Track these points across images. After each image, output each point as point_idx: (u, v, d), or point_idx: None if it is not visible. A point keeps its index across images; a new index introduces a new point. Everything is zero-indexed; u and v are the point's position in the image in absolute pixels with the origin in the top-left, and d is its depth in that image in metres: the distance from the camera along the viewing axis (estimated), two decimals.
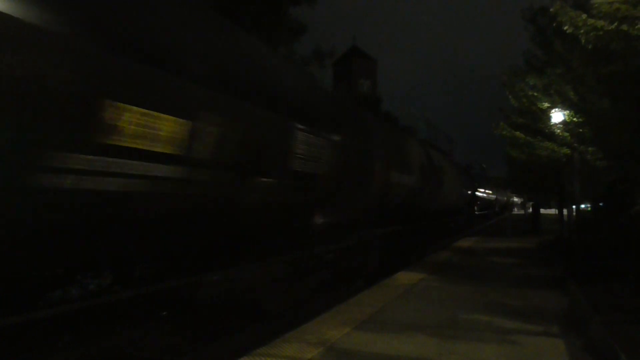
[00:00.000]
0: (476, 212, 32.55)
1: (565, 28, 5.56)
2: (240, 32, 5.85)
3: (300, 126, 5.94)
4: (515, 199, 65.30)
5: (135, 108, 3.47)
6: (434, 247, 15.41)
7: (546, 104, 11.44)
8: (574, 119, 10.14)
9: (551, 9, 5.88)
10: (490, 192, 42.21)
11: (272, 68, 6.11)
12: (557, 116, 11.15)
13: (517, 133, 14.37)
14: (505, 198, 55.95)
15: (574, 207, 15.65)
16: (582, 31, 5.33)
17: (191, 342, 6.05)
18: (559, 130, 11.48)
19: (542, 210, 29.26)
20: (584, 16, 5.32)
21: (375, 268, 10.14)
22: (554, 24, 6.31)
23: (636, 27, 4.86)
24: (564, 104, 10.38)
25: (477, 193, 30.81)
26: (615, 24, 4.95)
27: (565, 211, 18.10)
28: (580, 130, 10.25)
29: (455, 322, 5.58)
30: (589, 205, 22.20)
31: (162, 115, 3.73)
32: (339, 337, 4.85)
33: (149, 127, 3.61)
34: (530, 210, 29.45)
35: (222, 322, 7.04)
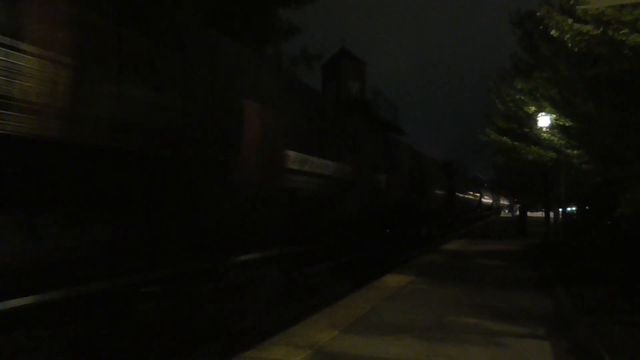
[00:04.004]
0: None
1: (552, 32, 5.61)
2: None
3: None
4: (487, 200, 54.13)
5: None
6: (422, 250, 15.47)
7: (533, 108, 11.56)
8: (560, 123, 10.26)
9: (538, 13, 5.94)
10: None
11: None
12: (543, 120, 11.27)
13: (504, 138, 14.49)
14: (472, 195, 33.77)
15: (560, 210, 15.84)
16: (568, 36, 5.39)
17: (179, 344, 5.99)
18: (545, 134, 11.60)
19: (529, 213, 29.53)
20: (570, 21, 5.38)
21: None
22: (541, 27, 6.37)
23: (621, 32, 4.93)
24: (550, 108, 10.49)
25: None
26: (601, 29, 5.02)
27: (551, 214, 18.31)
28: (566, 133, 10.37)
29: (443, 325, 5.59)
30: (574, 208, 22.46)
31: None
32: (327, 340, 4.84)
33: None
34: (517, 213, 29.70)
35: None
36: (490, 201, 53.74)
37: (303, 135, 6.58)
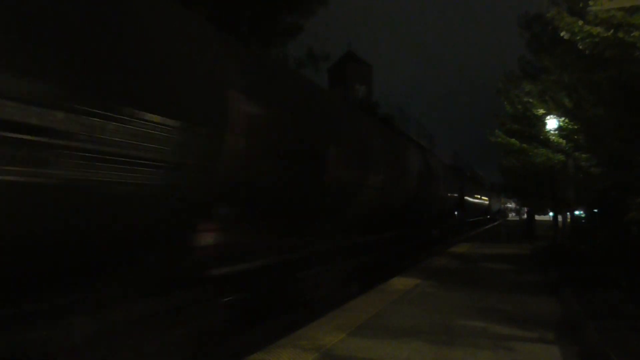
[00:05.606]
0: None
1: (562, 34, 5.59)
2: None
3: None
4: (478, 199, 39.03)
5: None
6: (429, 253, 15.41)
7: (541, 111, 11.51)
8: (569, 126, 10.20)
9: (548, 14, 5.92)
10: None
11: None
12: (552, 123, 11.22)
13: (512, 140, 14.43)
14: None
15: (568, 213, 15.74)
16: (578, 37, 5.36)
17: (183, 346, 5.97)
18: (553, 137, 11.54)
19: (537, 217, 29.35)
20: (581, 22, 5.35)
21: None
22: (550, 28, 6.33)
23: (631, 34, 4.90)
24: (558, 111, 10.44)
25: None
26: (612, 31, 4.99)
27: (559, 217, 18.19)
28: (575, 136, 10.31)
29: (451, 328, 5.56)
30: (583, 212, 22.32)
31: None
32: (335, 343, 4.82)
33: None
34: (525, 216, 29.57)
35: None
36: (485, 202, 39.51)
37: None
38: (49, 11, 3.13)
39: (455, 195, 22.47)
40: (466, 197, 26.01)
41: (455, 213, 23.73)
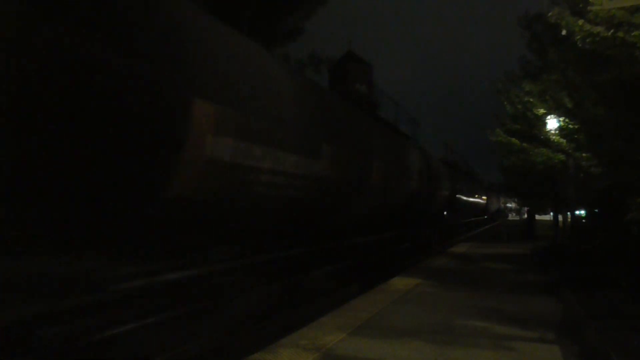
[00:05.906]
0: None
1: (563, 32, 5.59)
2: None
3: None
4: (477, 199, 34.14)
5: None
6: (429, 253, 15.41)
7: (542, 110, 11.51)
8: (569, 126, 10.21)
9: (549, 14, 5.92)
10: None
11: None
12: (552, 122, 11.23)
13: (513, 140, 14.44)
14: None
15: (568, 213, 15.74)
16: (578, 37, 5.37)
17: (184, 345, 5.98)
18: (554, 137, 11.55)
19: (538, 216, 29.35)
20: (581, 22, 5.35)
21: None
22: (551, 23, 6.30)
23: (632, 34, 4.90)
24: (559, 110, 10.44)
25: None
26: (612, 30, 4.99)
27: (560, 217, 18.19)
28: (575, 136, 10.31)
29: (451, 328, 5.55)
30: (583, 212, 22.33)
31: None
32: (335, 343, 4.82)
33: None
34: (525, 216, 29.59)
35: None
36: (482, 201, 35.46)
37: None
38: None
39: (446, 193, 18.94)
40: (459, 196, 22.67)
41: (445, 213, 20.30)
